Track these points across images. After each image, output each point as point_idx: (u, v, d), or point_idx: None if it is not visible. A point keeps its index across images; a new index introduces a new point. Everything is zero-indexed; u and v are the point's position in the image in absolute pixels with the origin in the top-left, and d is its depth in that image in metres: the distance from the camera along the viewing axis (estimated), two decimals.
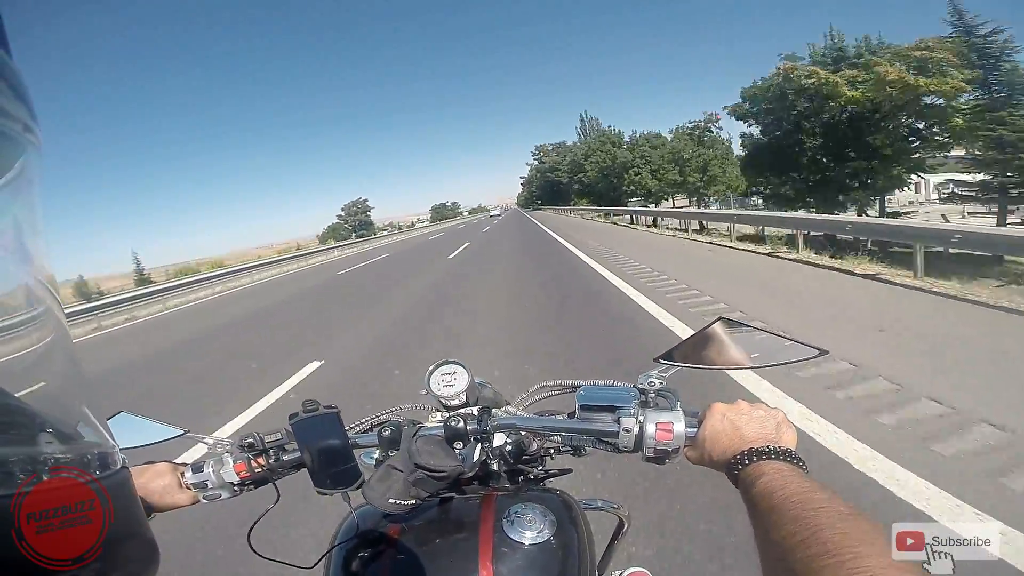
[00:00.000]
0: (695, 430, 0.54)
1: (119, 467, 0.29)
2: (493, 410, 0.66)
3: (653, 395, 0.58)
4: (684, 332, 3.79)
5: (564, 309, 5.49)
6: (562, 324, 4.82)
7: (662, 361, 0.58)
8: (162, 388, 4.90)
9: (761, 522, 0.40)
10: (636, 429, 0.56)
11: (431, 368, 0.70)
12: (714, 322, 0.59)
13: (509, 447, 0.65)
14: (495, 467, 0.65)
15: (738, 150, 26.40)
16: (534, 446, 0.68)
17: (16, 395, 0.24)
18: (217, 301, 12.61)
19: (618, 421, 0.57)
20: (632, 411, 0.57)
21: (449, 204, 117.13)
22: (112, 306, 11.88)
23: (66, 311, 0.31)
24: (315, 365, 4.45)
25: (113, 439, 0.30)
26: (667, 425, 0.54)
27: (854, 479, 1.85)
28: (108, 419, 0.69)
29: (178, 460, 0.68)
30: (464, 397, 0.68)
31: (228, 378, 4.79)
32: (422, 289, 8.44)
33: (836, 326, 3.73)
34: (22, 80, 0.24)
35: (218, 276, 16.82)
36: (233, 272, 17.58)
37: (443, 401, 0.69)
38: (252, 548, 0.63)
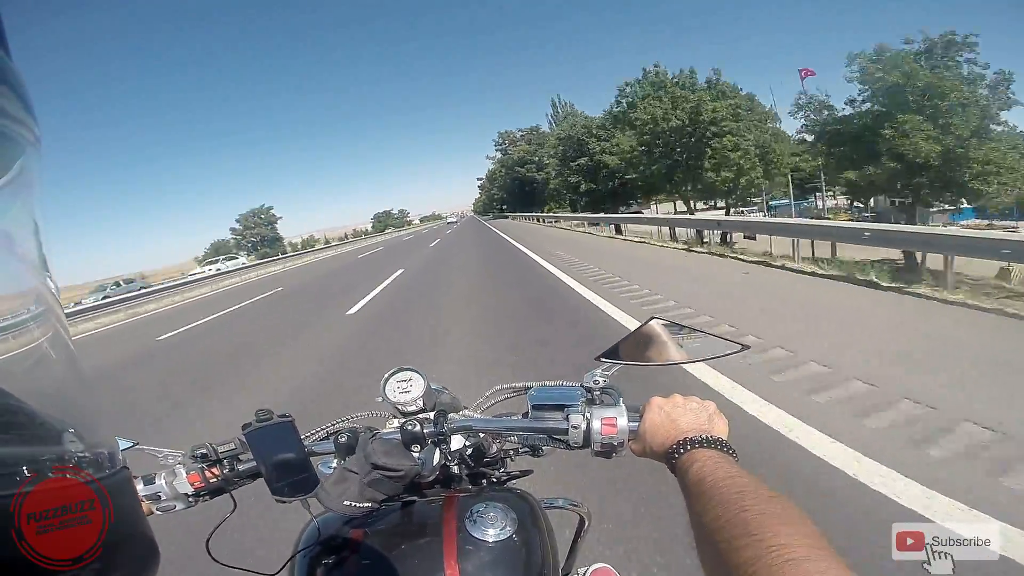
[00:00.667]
0: (637, 424, 0.56)
1: (119, 467, 0.29)
2: (449, 414, 0.66)
3: (598, 392, 0.60)
4: None
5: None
6: None
7: (604, 360, 0.61)
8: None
9: (694, 507, 0.42)
10: (584, 425, 0.58)
11: (386, 375, 0.70)
12: (648, 321, 0.64)
13: (469, 450, 0.66)
14: (456, 470, 0.66)
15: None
16: (494, 448, 0.69)
17: (16, 395, 0.25)
18: None
19: (567, 419, 0.59)
20: (579, 408, 0.59)
21: (395, 212, 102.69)
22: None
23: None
24: None
25: (114, 439, 0.30)
26: (611, 420, 0.57)
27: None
28: None
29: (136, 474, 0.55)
30: (420, 403, 0.69)
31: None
32: None
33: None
34: (22, 80, 0.24)
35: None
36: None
37: (399, 408, 0.69)
38: (211, 556, 0.63)
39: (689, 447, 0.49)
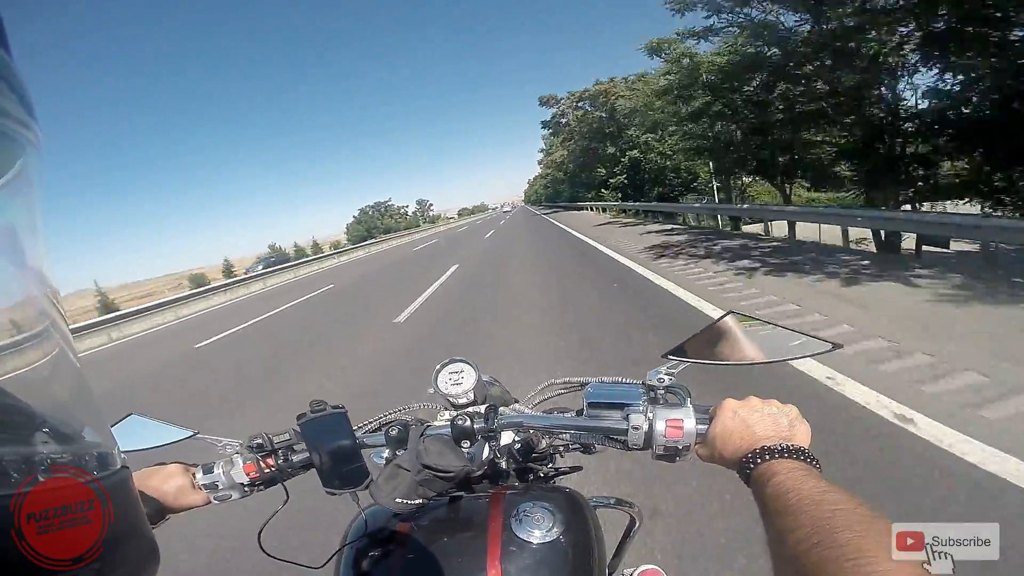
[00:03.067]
0: (706, 427, 0.53)
1: (119, 467, 0.29)
2: (500, 408, 0.65)
3: (662, 392, 0.57)
4: None
5: None
6: None
7: (671, 357, 0.57)
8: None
9: (774, 523, 0.39)
10: (645, 426, 0.55)
11: (438, 367, 0.70)
12: (724, 316, 0.59)
13: (518, 445, 0.65)
14: (504, 465, 0.66)
15: None
16: (543, 444, 0.68)
17: (15, 395, 0.24)
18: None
19: (627, 418, 0.56)
20: (641, 408, 0.56)
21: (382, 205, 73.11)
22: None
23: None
24: None
25: (113, 439, 0.30)
26: (677, 422, 0.53)
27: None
28: (117, 422, 0.70)
29: (189, 462, 0.66)
30: (472, 395, 0.68)
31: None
32: None
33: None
34: (22, 80, 0.24)
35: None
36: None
37: (450, 400, 0.69)
38: (262, 548, 0.63)
39: (767, 456, 0.45)
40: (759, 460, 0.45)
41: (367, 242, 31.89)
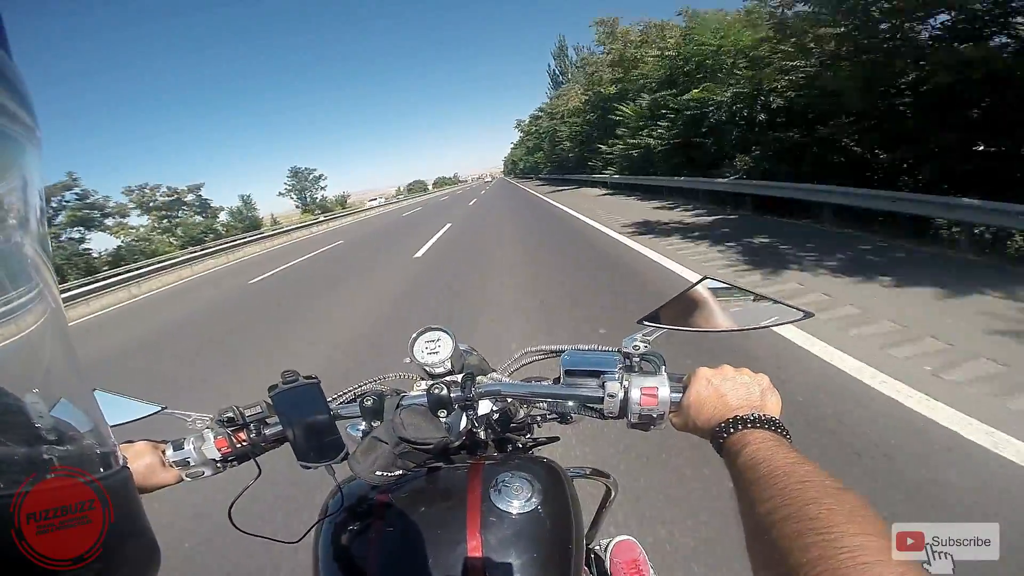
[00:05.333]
0: (680, 395, 0.53)
1: (119, 467, 0.29)
2: (478, 377, 0.64)
3: (638, 359, 0.57)
4: None
5: None
6: None
7: (646, 323, 0.57)
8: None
9: (746, 493, 0.39)
10: (621, 394, 0.55)
11: (414, 335, 0.69)
12: (698, 282, 0.58)
13: (496, 415, 0.65)
14: (482, 436, 0.65)
15: None
16: (521, 414, 0.68)
17: (15, 395, 0.24)
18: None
19: (603, 386, 0.56)
20: (617, 376, 0.56)
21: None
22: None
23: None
24: None
25: (114, 438, 0.30)
26: (652, 390, 0.53)
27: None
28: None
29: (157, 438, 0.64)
30: (448, 365, 0.67)
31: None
32: None
33: None
34: (22, 80, 0.24)
35: None
36: None
37: (427, 369, 0.68)
38: (233, 524, 0.62)
39: (740, 427, 0.45)
40: (732, 430, 0.45)
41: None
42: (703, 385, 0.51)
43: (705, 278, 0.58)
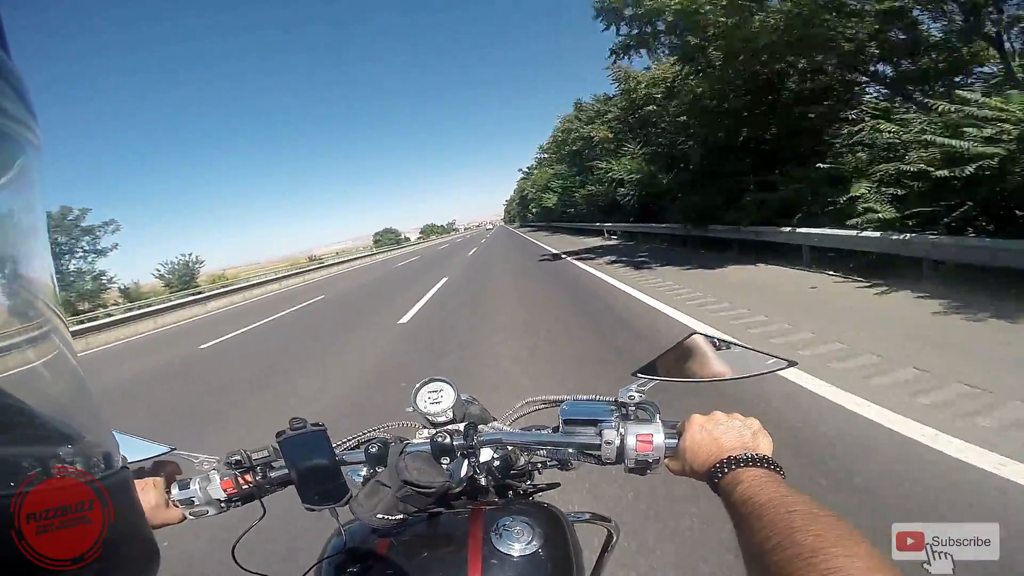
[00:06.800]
0: (675, 441, 0.55)
1: (119, 467, 0.29)
2: (480, 426, 0.66)
3: (633, 408, 0.60)
4: None
5: None
6: None
7: (640, 375, 0.60)
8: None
9: (741, 528, 0.41)
10: (617, 441, 0.57)
11: (417, 386, 0.71)
12: (689, 336, 0.63)
13: (496, 462, 0.66)
14: (483, 482, 0.66)
15: None
16: (521, 461, 0.69)
17: (15, 395, 0.24)
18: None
19: (600, 434, 0.58)
20: (613, 424, 0.58)
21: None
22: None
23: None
24: None
25: (114, 439, 0.30)
26: (647, 437, 0.56)
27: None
28: None
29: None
30: (451, 414, 0.69)
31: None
32: None
33: None
34: (22, 80, 0.24)
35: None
36: None
37: (430, 418, 0.70)
38: (237, 563, 0.63)
39: (734, 466, 0.47)
40: (726, 470, 0.48)
41: None
42: (697, 430, 0.53)
43: (694, 333, 0.63)
